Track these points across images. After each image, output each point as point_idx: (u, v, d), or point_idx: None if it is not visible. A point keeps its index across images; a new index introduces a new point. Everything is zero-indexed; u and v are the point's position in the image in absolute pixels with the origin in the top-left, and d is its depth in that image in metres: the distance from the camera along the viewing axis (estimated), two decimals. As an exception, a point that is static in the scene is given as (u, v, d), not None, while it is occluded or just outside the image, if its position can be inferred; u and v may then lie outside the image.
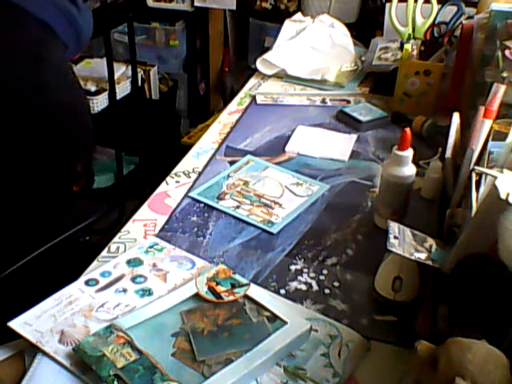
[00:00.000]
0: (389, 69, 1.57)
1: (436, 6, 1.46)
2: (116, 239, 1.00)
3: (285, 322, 0.80)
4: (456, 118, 1.09)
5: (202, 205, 1.10)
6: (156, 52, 2.55)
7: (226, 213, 1.07)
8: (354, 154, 1.28)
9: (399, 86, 1.42)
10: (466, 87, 1.35)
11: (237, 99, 1.53)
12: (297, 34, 1.69)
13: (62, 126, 1.20)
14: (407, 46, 1.40)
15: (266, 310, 0.83)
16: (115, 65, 2.04)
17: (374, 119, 1.39)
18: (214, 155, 1.26)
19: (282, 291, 0.90)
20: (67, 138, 1.22)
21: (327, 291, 0.90)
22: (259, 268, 0.94)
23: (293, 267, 0.95)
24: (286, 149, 1.29)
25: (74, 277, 0.90)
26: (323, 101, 1.52)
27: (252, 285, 0.88)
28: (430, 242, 0.87)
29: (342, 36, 1.71)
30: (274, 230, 1.03)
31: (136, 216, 1.07)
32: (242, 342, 0.78)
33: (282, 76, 1.64)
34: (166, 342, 0.78)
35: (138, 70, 2.24)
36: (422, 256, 0.83)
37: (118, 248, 0.98)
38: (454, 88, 1.40)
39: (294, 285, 0.91)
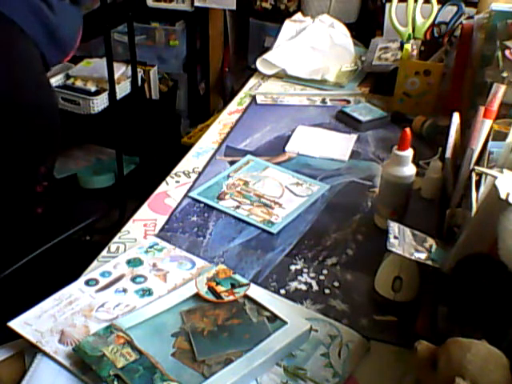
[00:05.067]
0: (389, 69, 1.57)
1: (436, 6, 1.46)
2: (116, 239, 1.00)
3: (285, 322, 0.80)
4: (456, 118, 1.09)
5: (201, 205, 1.10)
6: (156, 52, 2.54)
7: (226, 213, 1.07)
8: (353, 154, 1.28)
9: (399, 86, 1.42)
10: (466, 87, 1.35)
11: (237, 99, 1.53)
12: (297, 34, 1.69)
13: (28, 125, 1.18)
14: (407, 46, 1.40)
15: (266, 310, 0.83)
16: (115, 65, 2.04)
17: (374, 119, 1.39)
18: (214, 155, 1.26)
19: (282, 291, 0.90)
20: (33, 137, 1.19)
21: (327, 291, 0.90)
22: (259, 268, 0.94)
23: (293, 267, 0.95)
24: (286, 149, 1.29)
25: (74, 277, 0.90)
26: (323, 101, 1.52)
27: (252, 285, 0.88)
28: (430, 242, 0.87)
29: (342, 36, 1.71)
30: (274, 230, 1.03)
31: (136, 216, 1.07)
32: (242, 342, 0.78)
33: (282, 76, 1.64)
34: (166, 342, 0.78)
35: (138, 69, 2.24)
36: (422, 256, 0.83)
37: (118, 248, 0.98)
38: (454, 88, 1.40)
39: (294, 285, 0.91)
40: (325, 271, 0.94)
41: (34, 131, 1.20)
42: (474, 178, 0.91)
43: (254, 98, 1.53)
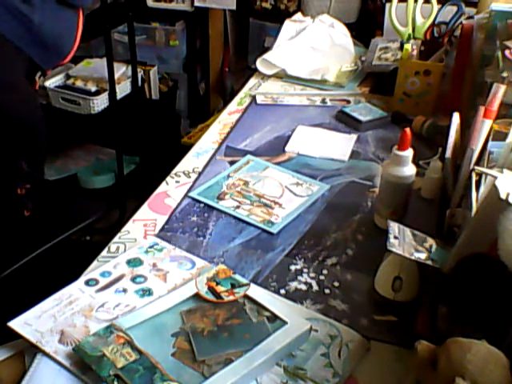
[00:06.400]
0: (389, 69, 1.57)
1: (436, 6, 1.46)
2: (116, 239, 1.00)
3: (285, 322, 0.80)
4: (456, 118, 1.09)
5: (201, 205, 1.10)
6: (156, 52, 2.54)
7: (226, 213, 1.07)
8: (353, 154, 1.28)
9: (399, 85, 1.42)
10: (466, 87, 1.35)
11: (237, 99, 1.53)
12: (297, 34, 1.69)
13: None
14: (407, 46, 1.40)
15: (266, 310, 0.83)
16: (115, 65, 2.04)
17: (374, 119, 1.39)
18: (214, 155, 1.26)
19: (282, 291, 0.90)
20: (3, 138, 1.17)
21: (327, 291, 0.90)
22: (259, 268, 0.94)
23: (293, 267, 0.95)
24: (286, 149, 1.29)
25: (74, 277, 0.90)
26: (323, 101, 1.52)
27: (252, 285, 0.88)
28: (430, 242, 0.87)
29: (342, 36, 1.71)
30: (274, 230, 1.03)
31: (136, 216, 1.07)
32: (242, 342, 0.78)
33: (282, 76, 1.64)
34: (166, 342, 0.78)
35: (138, 69, 2.24)
36: (422, 256, 0.83)
37: (118, 248, 0.98)
38: (454, 88, 1.40)
39: (293, 285, 0.91)
40: (325, 271, 0.94)
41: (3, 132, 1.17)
42: (474, 178, 0.91)
43: (254, 98, 1.52)
